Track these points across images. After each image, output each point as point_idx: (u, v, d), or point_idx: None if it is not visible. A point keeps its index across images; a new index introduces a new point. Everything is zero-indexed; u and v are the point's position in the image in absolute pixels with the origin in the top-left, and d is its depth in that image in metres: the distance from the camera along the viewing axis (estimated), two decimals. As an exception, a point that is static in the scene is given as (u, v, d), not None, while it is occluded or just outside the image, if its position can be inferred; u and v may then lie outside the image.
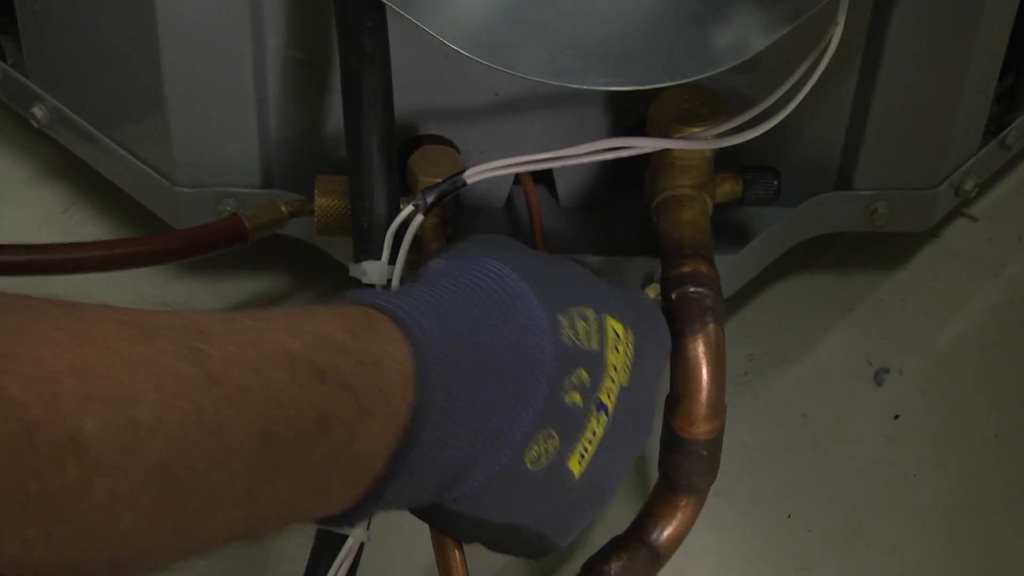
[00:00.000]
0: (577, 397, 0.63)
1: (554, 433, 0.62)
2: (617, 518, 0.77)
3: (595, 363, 0.64)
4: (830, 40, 0.71)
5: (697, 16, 0.66)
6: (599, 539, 0.75)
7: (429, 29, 0.65)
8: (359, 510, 0.56)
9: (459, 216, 0.88)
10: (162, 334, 0.47)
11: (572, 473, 0.64)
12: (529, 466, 0.62)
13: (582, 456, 0.64)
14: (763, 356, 0.94)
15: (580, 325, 0.63)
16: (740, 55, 0.66)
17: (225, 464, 0.47)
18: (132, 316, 0.48)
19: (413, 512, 0.63)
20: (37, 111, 0.93)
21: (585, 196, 0.90)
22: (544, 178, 0.91)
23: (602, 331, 0.64)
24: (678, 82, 0.65)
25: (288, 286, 0.96)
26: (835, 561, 0.84)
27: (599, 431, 0.65)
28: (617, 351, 0.65)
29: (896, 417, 0.91)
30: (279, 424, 0.49)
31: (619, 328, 0.66)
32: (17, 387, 0.41)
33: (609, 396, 0.65)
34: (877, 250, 0.99)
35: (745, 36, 0.66)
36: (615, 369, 0.65)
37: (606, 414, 0.65)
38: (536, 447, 0.61)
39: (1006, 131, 0.93)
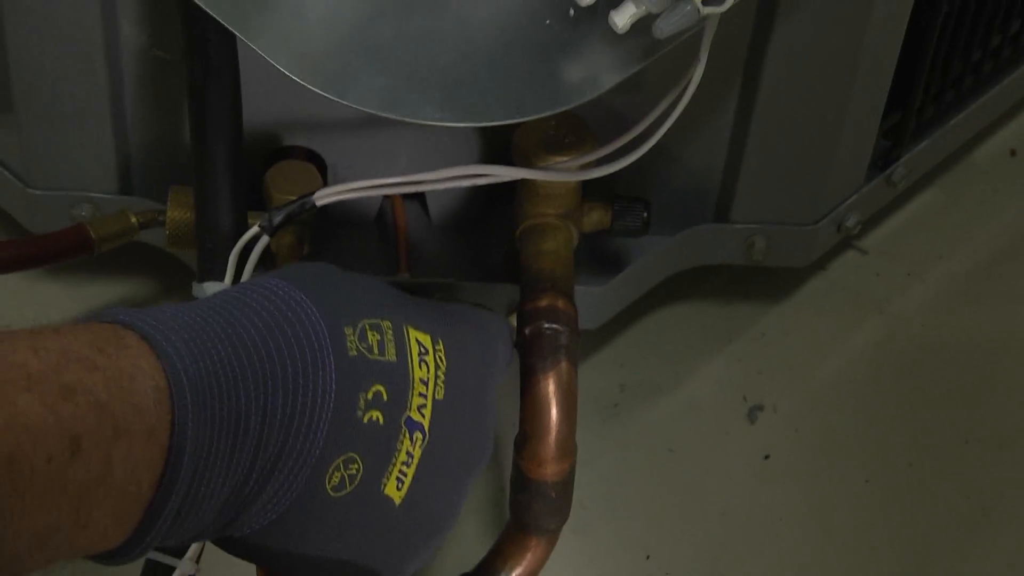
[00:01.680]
0: (377, 415, 0.59)
1: (355, 456, 0.58)
2: (473, 554, 0.75)
3: (394, 377, 0.60)
4: (691, 78, 0.69)
5: (545, 51, 0.63)
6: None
7: (261, 50, 0.62)
8: (133, 543, 0.53)
9: (325, 230, 0.86)
10: None
11: (391, 500, 0.61)
12: (331, 493, 0.58)
13: (400, 481, 0.61)
14: (636, 386, 0.92)
15: (372, 336, 0.60)
16: (588, 93, 0.63)
17: None
18: None
19: (219, 545, 0.60)
20: None
21: (457, 215, 0.88)
22: (418, 194, 0.88)
23: (401, 343, 0.61)
24: (518, 120, 0.62)
25: (155, 290, 0.94)
26: (690, 605, 0.82)
27: (416, 452, 0.61)
28: (425, 364, 0.62)
29: (767, 457, 0.89)
30: (25, 447, 0.46)
31: (424, 339, 0.62)
32: None
33: (422, 413, 0.61)
34: (763, 281, 0.96)
35: (595, 73, 0.63)
36: (423, 383, 0.62)
37: (422, 433, 0.61)
38: (336, 472, 0.58)
39: (892, 168, 0.91)
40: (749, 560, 0.84)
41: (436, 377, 0.62)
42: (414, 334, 0.62)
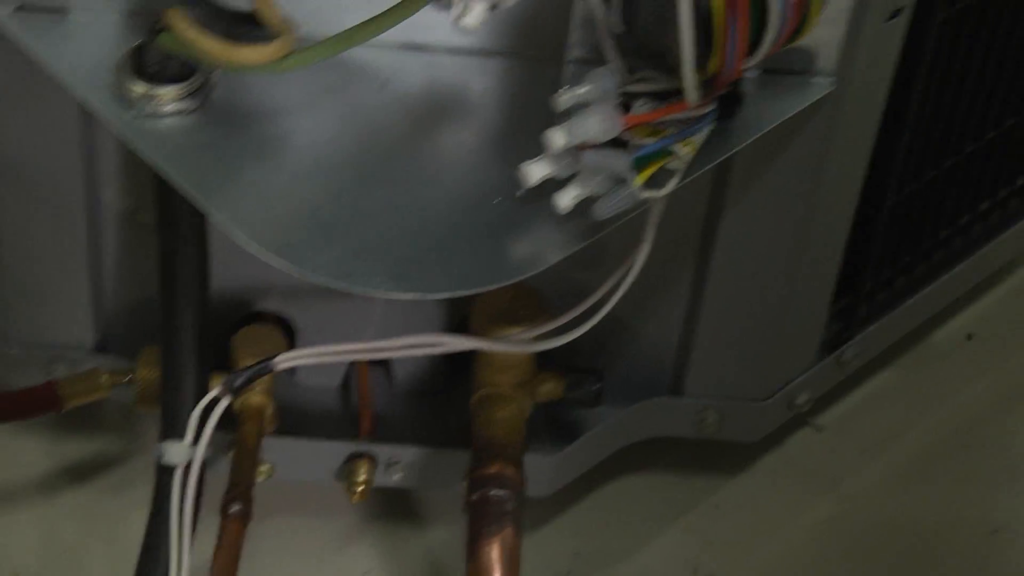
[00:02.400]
0: None
1: None
2: None
3: None
4: (637, 257, 0.72)
5: (492, 228, 0.67)
6: None
7: (221, 222, 0.65)
8: None
9: (292, 394, 0.89)
10: None
11: None
12: None
13: None
14: (589, 554, 0.93)
15: None
16: (532, 268, 0.66)
17: None
18: None
19: None
20: None
21: (421, 381, 0.90)
22: (383, 360, 0.91)
23: None
24: (463, 293, 0.65)
25: (126, 448, 0.96)
26: None
27: None
28: None
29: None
30: None
31: None
32: None
33: None
34: (719, 453, 0.99)
35: (540, 250, 0.67)
36: None
37: None
38: None
39: (842, 348, 0.94)
40: None
41: None
42: None
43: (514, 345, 0.79)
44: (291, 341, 0.86)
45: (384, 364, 0.91)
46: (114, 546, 0.90)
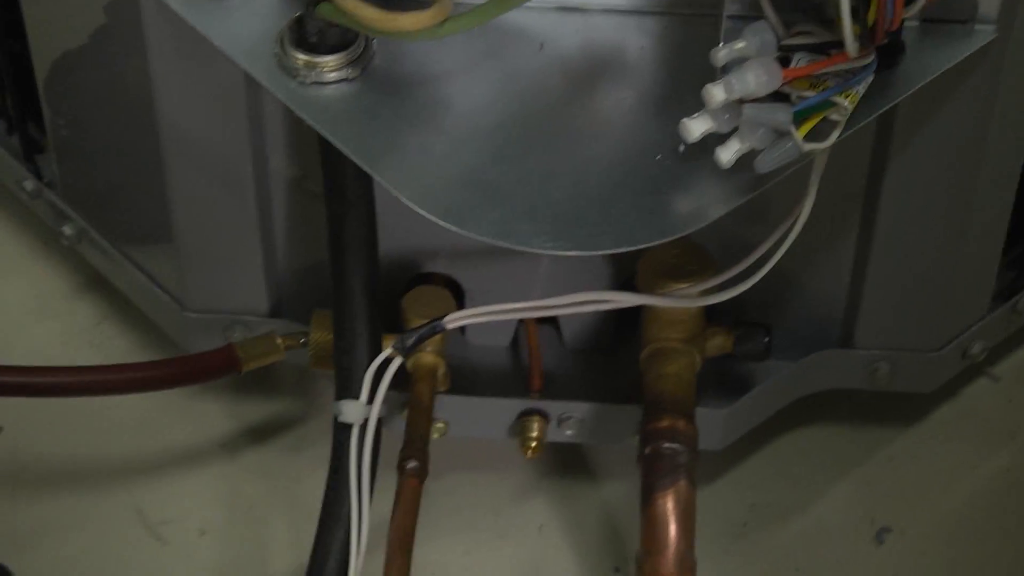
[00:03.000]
0: None
1: None
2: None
3: None
4: (801, 210, 0.72)
5: (654, 184, 0.67)
6: None
7: (385, 182, 0.67)
8: None
9: (463, 353, 0.90)
10: None
11: None
12: None
13: None
14: (764, 507, 0.94)
15: None
16: (695, 223, 0.66)
17: None
18: None
19: None
20: (66, 229, 0.96)
21: (589, 339, 0.91)
22: (552, 318, 0.92)
23: None
24: (626, 249, 0.65)
25: (304, 409, 0.98)
26: None
27: None
28: None
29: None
30: None
31: None
32: None
33: None
34: (893, 405, 0.98)
35: (703, 205, 0.67)
36: None
37: None
38: None
39: (1017, 296, 0.92)
40: None
41: None
42: None
43: (681, 300, 0.79)
44: (460, 301, 0.87)
45: (553, 322, 0.91)
46: (295, 503, 0.92)
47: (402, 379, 0.82)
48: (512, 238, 0.65)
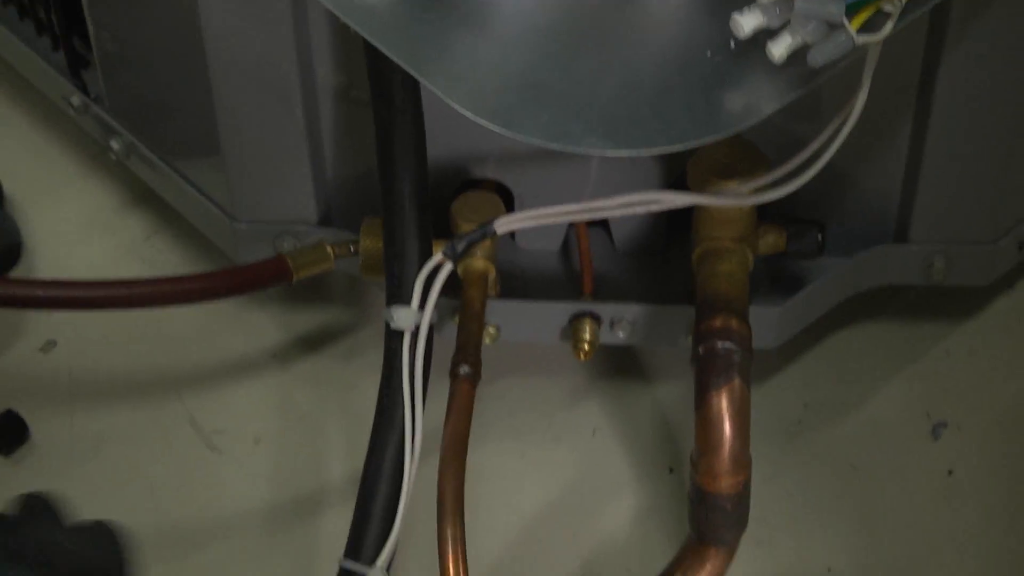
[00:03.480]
0: None
1: None
2: (656, 566, 0.77)
3: None
4: (855, 104, 0.71)
5: (706, 82, 0.66)
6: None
7: (433, 87, 0.66)
8: None
9: (515, 258, 0.90)
10: None
11: None
12: None
13: None
14: (819, 405, 0.93)
15: None
16: (747, 120, 0.66)
17: None
18: None
19: None
20: (114, 144, 0.96)
21: (640, 242, 0.91)
22: (602, 222, 0.91)
23: None
24: (678, 148, 0.65)
25: (355, 317, 0.98)
26: (870, 619, 0.84)
27: None
28: None
29: (950, 473, 0.90)
30: None
31: None
32: None
33: None
34: (948, 300, 0.97)
35: (755, 102, 0.66)
36: None
37: None
38: None
39: (1073, 187, 0.91)
40: (930, 576, 0.85)
41: None
42: None
43: (733, 198, 0.78)
44: (509, 206, 0.87)
45: (603, 225, 0.91)
46: (347, 411, 0.93)
47: (453, 285, 0.82)
48: (562, 139, 0.64)
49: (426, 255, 0.78)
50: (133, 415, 0.93)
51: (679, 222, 0.88)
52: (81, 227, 1.04)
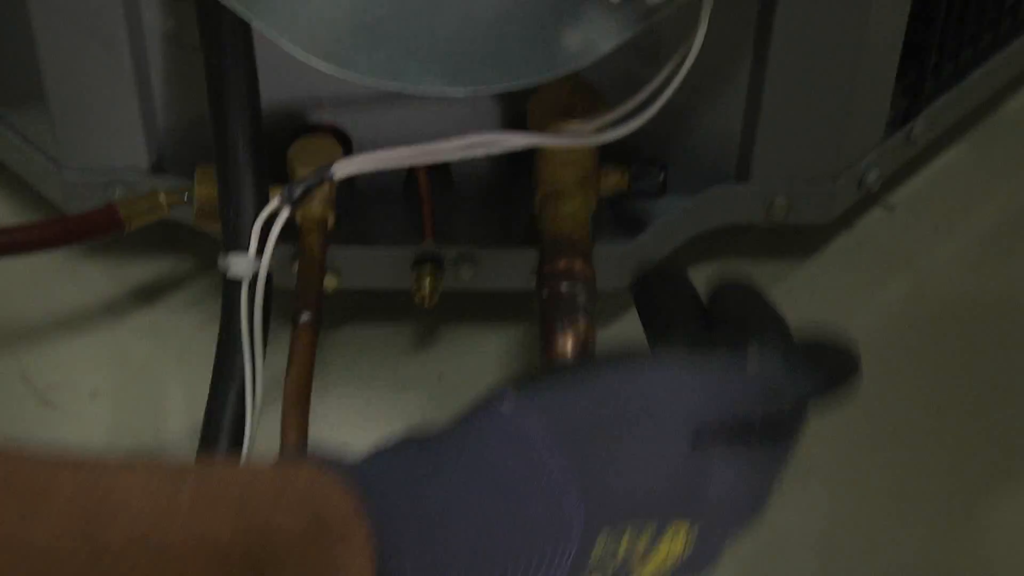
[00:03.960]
0: None
1: None
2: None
3: (627, 566, 0.56)
4: (693, 42, 0.70)
5: (543, 20, 0.65)
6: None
7: (263, 28, 0.64)
8: None
9: (353, 203, 0.88)
10: (58, 500, 0.43)
11: None
12: None
13: None
14: (665, 346, 0.93)
15: (625, 541, 0.55)
16: (586, 58, 0.65)
17: None
18: (32, 470, 0.44)
19: None
20: (-75, 95, 0.92)
21: (481, 184, 0.89)
22: (443, 164, 0.90)
23: (655, 541, 0.56)
24: (516, 87, 0.64)
25: (189, 267, 0.96)
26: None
27: None
28: (670, 543, 0.57)
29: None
30: None
31: (683, 528, 0.57)
32: None
33: None
34: (789, 239, 0.97)
35: (593, 39, 0.65)
36: (657, 558, 0.57)
37: None
38: None
39: (910, 124, 0.92)
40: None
41: (673, 560, 0.58)
42: (676, 526, 0.56)
43: (575, 138, 0.77)
44: (348, 151, 0.85)
45: (444, 168, 0.89)
46: (186, 363, 0.90)
47: (292, 232, 0.80)
48: (398, 78, 0.63)
49: (263, 201, 0.76)
50: (-39, 372, 0.90)
51: (521, 162, 0.87)
52: None
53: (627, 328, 0.93)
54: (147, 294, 0.94)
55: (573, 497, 0.53)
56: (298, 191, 0.74)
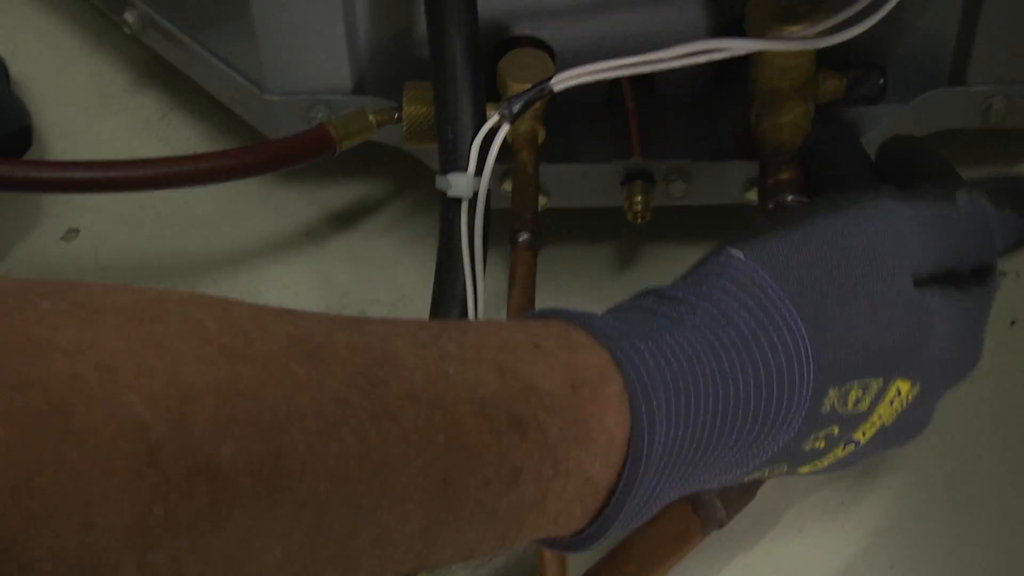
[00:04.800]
0: (821, 444, 0.56)
1: (784, 466, 0.56)
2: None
3: (855, 421, 0.57)
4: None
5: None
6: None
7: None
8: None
9: (557, 118, 0.86)
10: (338, 355, 0.44)
11: None
12: None
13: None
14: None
15: (853, 395, 0.55)
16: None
17: (395, 506, 0.44)
18: (309, 328, 0.44)
19: None
20: (128, 16, 0.91)
21: (688, 94, 0.87)
22: (646, 76, 0.87)
23: (879, 397, 0.56)
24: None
25: (385, 191, 0.95)
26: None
27: (840, 454, 0.58)
28: (891, 405, 0.57)
29: (1012, 323, 0.87)
30: (463, 471, 0.46)
31: (904, 387, 0.57)
32: (143, 403, 0.38)
33: (864, 434, 0.58)
34: (998, 145, 0.94)
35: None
36: (879, 417, 0.58)
37: (855, 446, 0.58)
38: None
39: None
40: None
41: (894, 413, 0.58)
42: (897, 384, 0.57)
43: (797, 43, 0.75)
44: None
45: (647, 82, 0.87)
46: (390, 287, 0.89)
47: (502, 151, 0.78)
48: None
49: (481, 118, 0.74)
50: (164, 301, 0.89)
51: (728, 72, 0.84)
52: (92, 107, 0.99)
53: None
54: (346, 219, 0.93)
55: (805, 353, 0.53)
56: (518, 105, 0.72)
